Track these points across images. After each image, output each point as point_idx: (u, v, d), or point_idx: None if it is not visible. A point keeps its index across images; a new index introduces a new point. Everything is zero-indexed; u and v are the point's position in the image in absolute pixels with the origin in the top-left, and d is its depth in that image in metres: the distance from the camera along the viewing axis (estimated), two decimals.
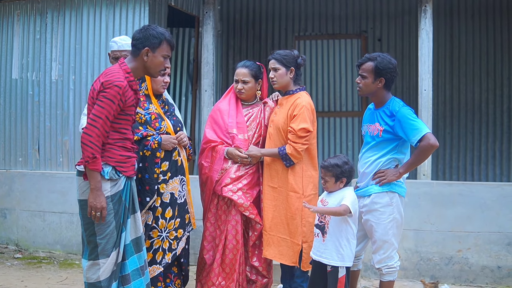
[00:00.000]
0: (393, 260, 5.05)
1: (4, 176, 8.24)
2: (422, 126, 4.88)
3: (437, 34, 9.44)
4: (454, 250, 6.72)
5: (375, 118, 5.11)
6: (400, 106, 4.97)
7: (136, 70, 4.40)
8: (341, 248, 4.79)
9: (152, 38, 4.35)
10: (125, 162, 4.37)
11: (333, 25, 10.16)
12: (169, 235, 5.26)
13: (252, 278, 5.56)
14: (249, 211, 5.45)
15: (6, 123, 8.32)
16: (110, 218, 4.29)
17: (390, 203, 4.99)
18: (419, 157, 4.96)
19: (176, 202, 5.28)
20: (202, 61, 7.71)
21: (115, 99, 4.19)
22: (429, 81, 6.99)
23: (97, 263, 4.29)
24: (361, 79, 5.08)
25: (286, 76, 5.41)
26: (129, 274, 4.46)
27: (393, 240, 5.01)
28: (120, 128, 4.34)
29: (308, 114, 5.28)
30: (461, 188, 6.79)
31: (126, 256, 4.46)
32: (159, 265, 5.22)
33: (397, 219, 5.02)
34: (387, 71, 4.99)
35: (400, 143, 5.01)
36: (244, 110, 5.66)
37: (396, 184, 5.01)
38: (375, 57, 5.01)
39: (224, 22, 10.31)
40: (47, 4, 8.12)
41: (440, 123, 9.67)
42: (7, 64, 8.36)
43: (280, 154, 5.29)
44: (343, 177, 4.84)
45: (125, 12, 7.72)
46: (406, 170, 5.01)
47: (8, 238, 8.18)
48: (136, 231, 4.54)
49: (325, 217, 4.87)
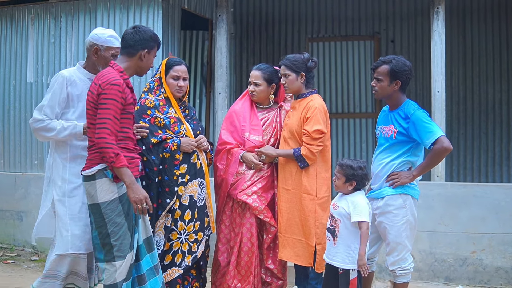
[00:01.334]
0: (406, 262, 5.06)
1: (20, 179, 8.32)
2: (436, 129, 4.90)
3: (450, 35, 9.42)
4: (468, 252, 6.73)
5: (389, 120, 5.12)
6: (415, 108, 4.99)
7: (128, 70, 4.50)
8: (351, 251, 4.80)
9: (150, 41, 4.52)
10: (129, 163, 4.38)
11: (346, 27, 10.18)
12: (188, 238, 5.27)
13: (267, 280, 5.57)
14: (263, 214, 5.46)
15: (21, 126, 8.39)
16: (121, 219, 4.35)
17: (404, 205, 4.99)
18: (433, 160, 4.98)
19: (195, 204, 5.30)
20: (216, 64, 7.75)
21: (117, 97, 4.25)
22: (442, 82, 7.00)
23: (114, 265, 4.34)
24: (377, 82, 5.09)
25: (296, 81, 5.41)
26: (144, 274, 4.52)
27: (406, 242, 5.02)
28: (122, 128, 4.37)
29: (321, 116, 5.30)
30: (475, 190, 6.79)
31: (140, 257, 4.53)
32: (178, 267, 5.23)
33: (411, 221, 5.02)
34: (403, 74, 4.99)
35: (414, 146, 5.02)
36: (259, 114, 5.67)
37: (410, 186, 5.02)
38: (390, 60, 5.02)
39: (238, 24, 10.35)
40: (61, 8, 8.19)
41: (453, 125, 9.66)
42: (22, 68, 8.43)
43: (295, 155, 5.30)
44: (353, 179, 4.84)
45: (138, 15, 7.77)
46: (420, 173, 5.03)
47: (25, 241, 8.25)
48: (147, 231, 4.62)
49: (335, 220, 4.89)
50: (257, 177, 5.52)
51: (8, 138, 8.48)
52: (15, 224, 8.31)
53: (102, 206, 4.34)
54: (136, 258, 4.49)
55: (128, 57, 4.51)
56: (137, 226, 4.47)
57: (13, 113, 8.45)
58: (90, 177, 4.36)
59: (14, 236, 8.33)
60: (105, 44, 4.92)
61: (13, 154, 8.46)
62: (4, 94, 8.52)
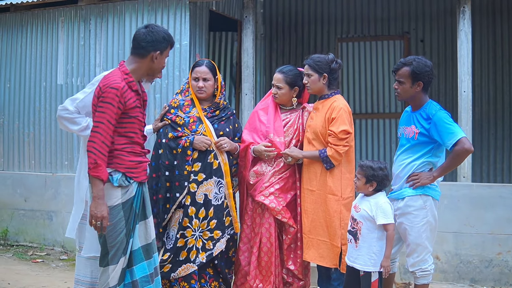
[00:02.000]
0: (427, 263, 5.02)
1: (50, 179, 8.47)
2: (457, 130, 4.87)
3: (480, 34, 9.34)
4: (494, 253, 6.65)
5: (411, 121, 5.09)
6: (437, 109, 4.96)
7: (138, 71, 4.36)
8: (373, 254, 4.80)
9: (162, 42, 4.35)
10: (136, 167, 4.32)
11: (375, 27, 10.11)
12: (202, 235, 5.37)
13: (288, 280, 5.57)
14: (281, 215, 5.46)
15: (52, 128, 8.54)
16: (121, 225, 4.26)
17: (424, 206, 4.96)
18: (454, 162, 4.95)
19: (210, 203, 5.38)
20: (242, 65, 7.80)
21: (114, 102, 4.13)
22: (469, 82, 6.92)
23: (107, 269, 4.27)
24: (399, 85, 5.07)
25: (319, 82, 5.41)
26: (137, 281, 4.37)
27: (426, 243, 4.98)
28: (126, 133, 4.28)
29: (347, 116, 5.30)
30: (501, 190, 6.71)
31: (134, 262, 4.39)
32: (193, 263, 5.33)
33: (431, 222, 4.98)
34: (425, 75, 4.97)
35: (435, 147, 4.99)
36: (282, 115, 5.67)
37: (430, 187, 4.98)
38: (411, 62, 4.99)
39: (267, 25, 10.36)
40: (90, 11, 8.31)
41: (484, 124, 9.53)
42: (52, 70, 8.58)
43: (321, 157, 5.30)
44: (373, 180, 4.83)
45: (166, 17, 7.85)
46: (440, 174, 4.99)
47: (55, 240, 8.41)
48: (147, 237, 4.47)
49: (357, 223, 4.88)
50: (275, 179, 5.53)
51: (39, 139, 8.65)
52: (45, 224, 8.46)
53: None
54: (129, 263, 4.37)
55: (138, 58, 4.36)
56: (133, 231, 4.36)
57: (44, 115, 8.62)
58: None
59: (44, 235, 8.48)
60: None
61: (43, 155, 8.63)
62: (35, 96, 8.69)
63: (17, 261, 7.79)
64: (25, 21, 8.83)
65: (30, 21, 8.78)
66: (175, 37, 7.71)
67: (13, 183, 8.76)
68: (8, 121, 8.93)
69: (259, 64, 9.93)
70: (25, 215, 8.63)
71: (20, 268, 7.41)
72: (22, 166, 8.80)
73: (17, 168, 8.86)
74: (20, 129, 8.82)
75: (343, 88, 10.19)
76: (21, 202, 8.67)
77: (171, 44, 4.47)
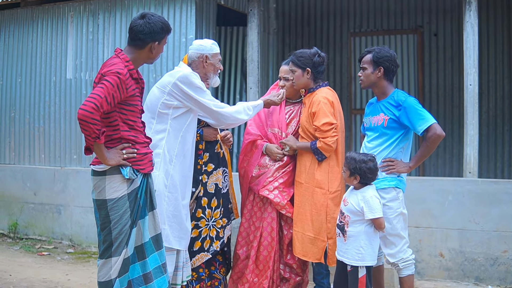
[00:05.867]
0: (407, 253, 5.01)
1: (59, 173, 8.51)
2: (428, 116, 4.91)
3: (494, 28, 9.18)
4: (500, 251, 6.48)
5: (378, 110, 5.12)
6: (406, 96, 5.03)
7: (137, 60, 4.33)
8: (361, 248, 4.73)
9: (160, 32, 4.32)
10: (142, 159, 4.31)
11: (389, 21, 9.98)
12: (215, 224, 5.42)
13: (285, 276, 5.54)
14: (286, 209, 5.45)
15: (61, 122, 8.59)
16: (126, 217, 4.23)
17: (397, 197, 4.99)
18: (428, 149, 4.98)
19: (220, 192, 5.45)
20: (248, 59, 7.75)
21: (115, 83, 4.06)
22: (475, 75, 6.75)
23: (109, 261, 4.23)
24: (362, 72, 5.15)
25: (303, 77, 5.43)
26: (150, 272, 4.33)
27: (402, 233, 4.98)
28: (127, 120, 4.24)
29: (327, 108, 5.25)
30: (507, 186, 6.53)
31: (146, 254, 4.35)
32: (207, 252, 5.37)
33: (404, 213, 5.02)
34: (385, 59, 5.04)
35: (405, 133, 5.03)
36: (286, 107, 5.66)
37: (401, 180, 5.03)
38: (374, 49, 5.12)
39: (280, 20, 10.31)
40: (98, 6, 8.34)
41: (498, 120, 9.34)
42: (62, 64, 8.64)
43: (311, 148, 5.30)
44: (356, 173, 4.75)
45: (172, 11, 7.84)
46: (416, 164, 5.05)
47: (63, 233, 8.45)
48: (156, 228, 4.43)
49: (345, 217, 4.81)
50: (279, 173, 5.54)
51: (49, 133, 8.70)
52: (54, 217, 8.51)
53: (109, 203, 4.22)
54: (142, 255, 4.34)
55: (136, 49, 4.32)
56: (135, 224, 4.31)
57: (53, 109, 8.68)
58: (101, 172, 4.24)
59: (52, 229, 8.53)
60: (211, 52, 5.21)
61: (53, 149, 8.68)
62: (45, 90, 8.75)
63: (23, 253, 7.84)
64: (36, 16, 8.89)
65: (41, 16, 8.84)
66: (181, 31, 7.70)
67: (23, 177, 8.82)
68: (19, 115, 9.00)
69: (272, 59, 9.89)
70: (34, 209, 8.68)
71: (24, 260, 7.46)
72: (32, 160, 8.87)
73: (27, 161, 8.92)
74: (30, 123, 8.89)
75: (355, 82, 10.09)
76: (31, 196, 8.73)
77: (168, 32, 4.45)
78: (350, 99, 10.20)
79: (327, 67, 9.90)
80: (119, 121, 4.23)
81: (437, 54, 9.70)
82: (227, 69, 9.95)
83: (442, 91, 9.65)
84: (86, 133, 4.02)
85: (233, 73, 9.94)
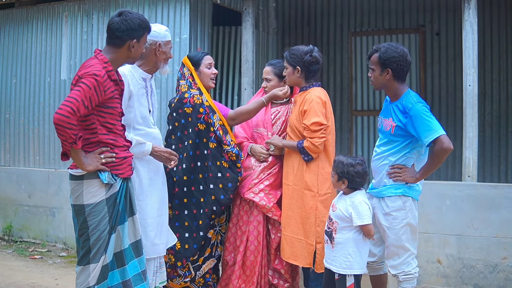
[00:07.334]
0: (410, 266, 4.75)
1: (53, 175, 8.40)
2: (436, 126, 4.52)
3: (498, 28, 9.00)
4: (499, 257, 6.29)
5: (389, 113, 4.80)
6: (414, 102, 4.62)
7: (116, 60, 4.20)
8: (349, 255, 4.57)
9: (138, 29, 4.19)
10: (121, 164, 4.20)
11: (390, 20, 9.82)
12: (221, 229, 5.47)
13: (273, 282, 5.42)
14: (272, 212, 5.35)
15: None
16: (105, 223, 4.12)
17: (403, 207, 4.70)
18: (434, 163, 4.62)
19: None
20: (242, 59, 7.61)
21: (92, 86, 3.93)
22: (474, 76, 6.55)
23: (88, 268, 4.12)
24: (372, 72, 4.82)
25: (293, 75, 5.26)
26: (130, 280, 4.23)
27: (407, 245, 4.71)
28: (105, 123, 4.12)
29: (319, 107, 5.07)
30: (507, 191, 6.34)
31: (125, 261, 4.24)
32: (213, 258, 5.43)
33: (411, 224, 4.72)
34: (392, 60, 4.64)
35: (414, 140, 4.69)
36: (272, 108, 5.58)
37: (410, 187, 4.72)
38: (380, 48, 4.72)
39: (280, 19, 10.18)
40: (93, 5, 8.22)
41: (502, 122, 9.15)
42: (56, 65, 8.52)
43: (298, 148, 5.15)
44: (344, 177, 4.59)
45: (166, 11, 7.70)
46: (423, 176, 4.71)
47: (57, 236, 8.34)
48: (136, 234, 4.33)
49: (333, 222, 4.66)
50: (264, 175, 5.44)
51: (43, 135, 8.61)
52: (48, 220, 8.40)
53: (87, 208, 4.10)
54: (121, 262, 4.24)
55: (115, 48, 4.18)
56: (114, 229, 4.20)
57: (48, 110, 8.57)
58: (78, 176, 4.11)
59: (47, 231, 8.43)
60: (164, 39, 4.87)
61: (47, 151, 8.58)
62: (40, 91, 8.65)
63: (15, 257, 7.75)
64: (30, 16, 8.79)
65: (35, 16, 8.74)
66: (175, 31, 7.57)
67: (17, 179, 8.73)
68: (14, 117, 8.91)
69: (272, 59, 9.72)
70: (28, 211, 8.58)
71: (15, 264, 7.36)
72: (27, 162, 8.77)
73: (22, 163, 8.82)
74: (25, 125, 8.79)
75: (356, 83, 9.93)
76: (25, 198, 8.62)
77: (148, 30, 4.32)
78: (351, 100, 10.02)
79: (327, 67, 9.84)
80: (97, 124, 4.11)
81: (439, 54, 9.52)
82: (225, 70, 9.82)
83: (444, 91, 9.47)
84: (62, 138, 3.88)
85: (231, 74, 9.80)
